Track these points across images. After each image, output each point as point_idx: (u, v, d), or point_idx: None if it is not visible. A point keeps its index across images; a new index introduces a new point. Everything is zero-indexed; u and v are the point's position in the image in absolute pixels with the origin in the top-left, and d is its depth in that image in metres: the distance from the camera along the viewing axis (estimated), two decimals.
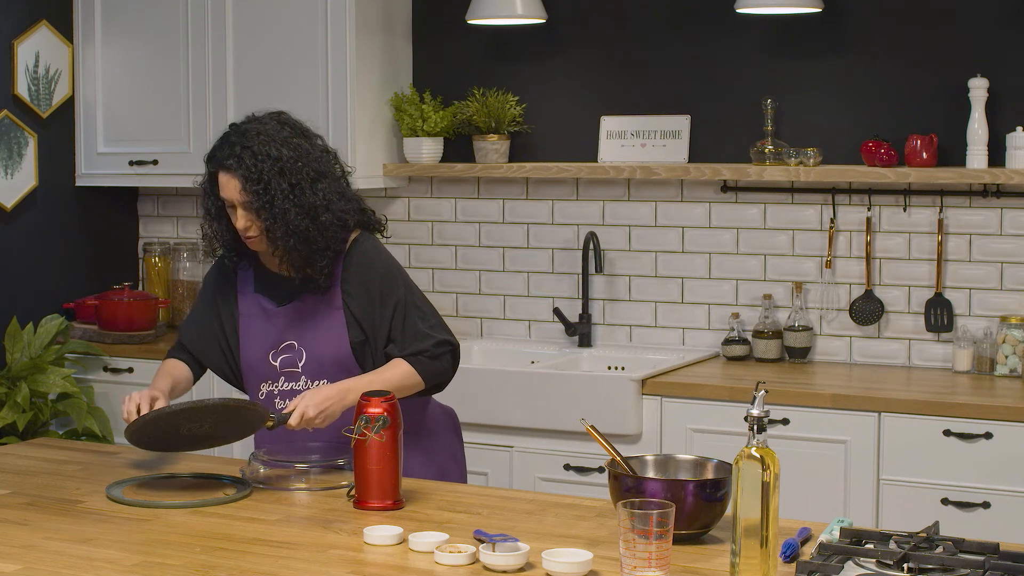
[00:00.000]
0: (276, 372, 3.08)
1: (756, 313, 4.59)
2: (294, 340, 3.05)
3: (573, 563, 2.29)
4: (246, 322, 3.11)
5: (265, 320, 3.08)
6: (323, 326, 3.04)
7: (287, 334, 3.06)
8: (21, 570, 2.35)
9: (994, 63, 4.25)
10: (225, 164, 2.96)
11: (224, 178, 2.96)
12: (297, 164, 2.96)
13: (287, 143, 2.98)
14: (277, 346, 3.07)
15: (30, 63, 5.02)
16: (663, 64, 4.69)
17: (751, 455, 2.21)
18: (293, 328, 3.05)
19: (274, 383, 3.08)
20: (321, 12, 4.73)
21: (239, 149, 2.95)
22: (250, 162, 2.93)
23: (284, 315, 3.05)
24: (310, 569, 2.35)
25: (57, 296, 5.15)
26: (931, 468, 3.86)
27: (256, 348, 3.10)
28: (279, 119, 3.05)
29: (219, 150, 2.99)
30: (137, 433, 2.87)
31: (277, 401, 3.08)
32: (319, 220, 2.96)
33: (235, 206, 2.97)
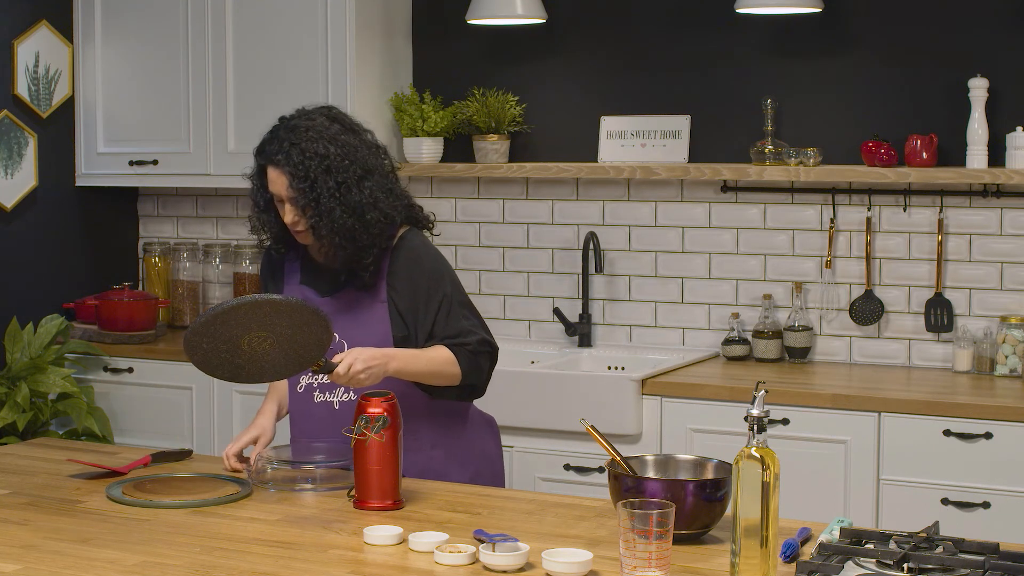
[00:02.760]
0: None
1: (756, 313, 4.59)
2: (336, 331, 3.02)
3: (573, 563, 2.29)
4: None
5: None
6: (366, 319, 3.04)
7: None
8: (21, 570, 2.36)
9: (994, 63, 4.25)
10: (274, 159, 2.97)
11: (273, 173, 2.97)
12: (344, 162, 2.96)
13: (335, 140, 2.98)
14: None
15: (30, 63, 5.02)
16: (663, 64, 4.69)
17: (751, 455, 2.21)
18: (336, 320, 3.02)
19: (314, 376, 3.06)
20: (321, 12, 4.73)
21: (287, 145, 2.95)
22: (297, 159, 2.94)
23: (328, 307, 3.03)
24: (310, 569, 2.35)
25: (57, 296, 5.16)
26: (931, 468, 3.85)
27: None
28: (329, 114, 3.05)
29: (268, 144, 3.00)
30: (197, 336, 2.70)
31: (316, 394, 3.07)
32: (365, 218, 2.96)
33: (283, 200, 2.97)
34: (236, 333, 2.72)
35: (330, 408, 3.06)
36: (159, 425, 4.85)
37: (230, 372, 2.77)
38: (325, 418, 3.06)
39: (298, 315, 2.74)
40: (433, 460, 3.08)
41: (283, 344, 2.76)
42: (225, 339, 2.72)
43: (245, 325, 2.71)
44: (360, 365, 2.85)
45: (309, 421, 3.09)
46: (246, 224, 5.32)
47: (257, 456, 2.97)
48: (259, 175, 3.03)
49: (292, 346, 2.76)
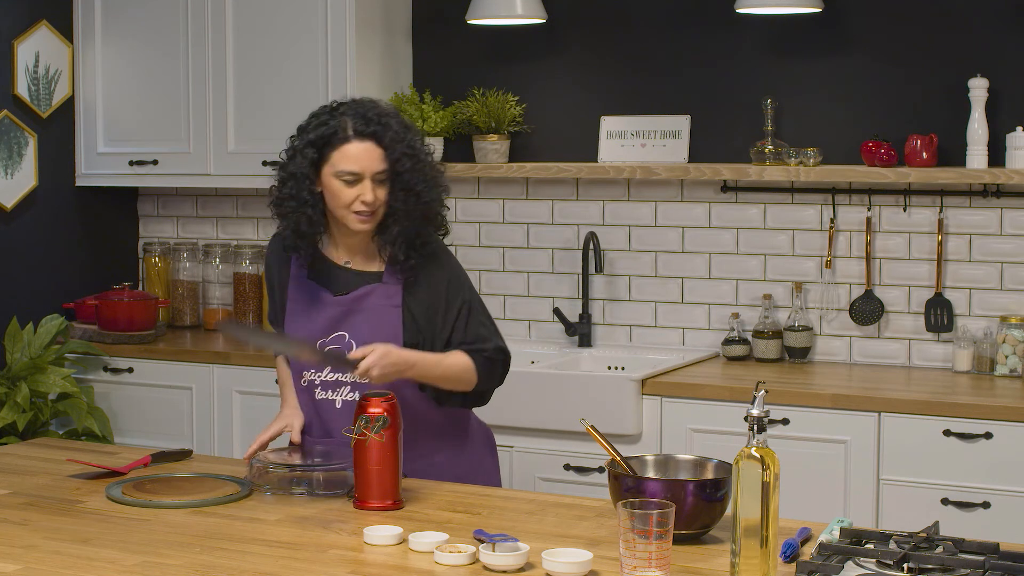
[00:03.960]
0: (321, 361, 3.05)
1: (756, 313, 4.59)
2: (346, 331, 3.02)
3: (573, 563, 2.29)
4: (293, 308, 3.09)
5: (316, 308, 3.05)
6: (379, 321, 3.02)
7: (340, 324, 3.03)
8: (21, 570, 2.35)
9: (994, 63, 4.25)
10: (369, 132, 2.94)
11: (362, 147, 2.94)
12: (420, 143, 3.01)
13: (411, 127, 3.02)
14: (327, 335, 3.03)
15: (30, 63, 5.02)
16: (663, 64, 4.69)
17: (751, 455, 2.21)
18: (347, 319, 3.02)
19: (317, 372, 3.05)
20: (321, 12, 4.73)
21: (382, 120, 2.95)
22: (392, 135, 2.95)
23: (339, 305, 3.03)
24: (310, 569, 2.35)
25: (57, 296, 5.15)
26: (931, 468, 3.85)
27: (296, 333, 3.06)
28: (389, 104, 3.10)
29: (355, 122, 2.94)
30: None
31: (318, 391, 3.05)
32: (425, 201, 2.98)
33: (364, 178, 2.94)
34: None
35: (331, 406, 3.05)
36: (159, 425, 4.85)
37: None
38: (326, 416, 3.06)
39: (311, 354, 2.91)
40: (433, 467, 3.08)
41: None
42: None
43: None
44: (377, 372, 2.85)
45: (313, 417, 3.08)
46: (246, 224, 5.37)
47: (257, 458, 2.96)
48: (315, 164, 2.97)
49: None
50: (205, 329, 5.34)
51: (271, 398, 4.67)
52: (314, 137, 2.96)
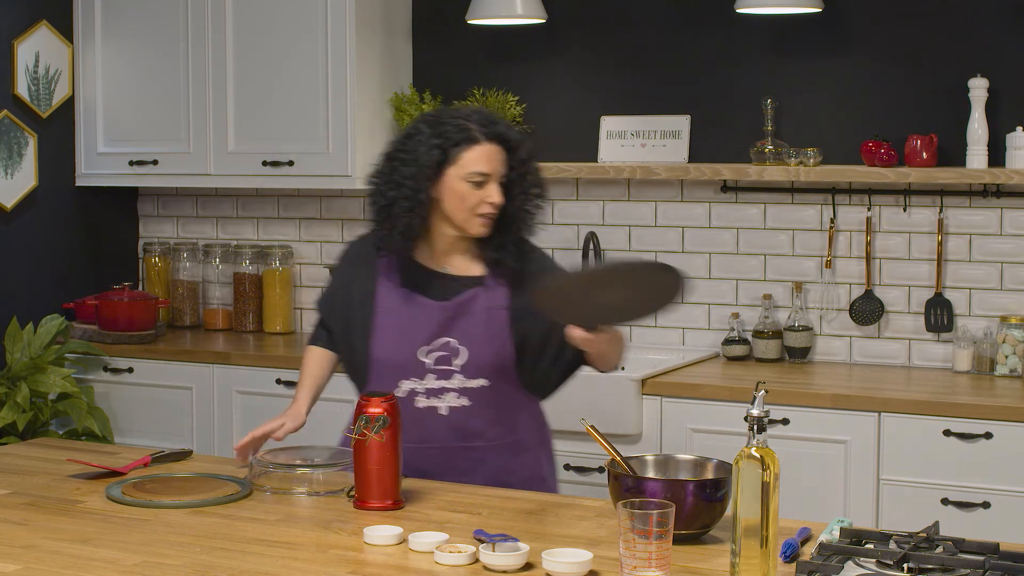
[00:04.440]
0: (424, 369, 2.98)
1: (756, 313, 4.59)
2: (452, 338, 2.98)
3: (573, 563, 2.29)
4: (386, 317, 3.02)
5: (415, 315, 2.99)
6: (487, 324, 2.98)
7: (445, 330, 2.98)
8: (21, 570, 2.35)
9: (994, 63, 4.25)
10: (496, 134, 2.95)
11: (491, 149, 2.95)
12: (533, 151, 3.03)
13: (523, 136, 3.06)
14: (430, 342, 2.98)
15: (30, 63, 5.02)
16: (663, 64, 4.69)
17: (751, 455, 2.21)
18: (452, 324, 2.98)
19: (420, 380, 2.98)
20: (321, 12, 4.73)
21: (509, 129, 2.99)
22: (514, 137, 2.99)
23: (442, 311, 2.98)
24: (310, 569, 2.35)
25: (57, 296, 5.16)
26: (931, 468, 3.85)
27: (396, 343, 3.00)
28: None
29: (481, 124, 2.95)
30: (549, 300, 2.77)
31: (420, 399, 2.98)
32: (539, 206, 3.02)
33: (491, 180, 2.95)
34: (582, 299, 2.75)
35: (434, 413, 2.99)
36: (159, 425, 4.85)
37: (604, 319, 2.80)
38: (429, 424, 2.99)
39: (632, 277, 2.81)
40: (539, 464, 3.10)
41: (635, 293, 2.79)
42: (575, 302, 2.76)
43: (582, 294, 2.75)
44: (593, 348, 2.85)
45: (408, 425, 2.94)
46: (246, 224, 5.36)
47: (256, 459, 2.96)
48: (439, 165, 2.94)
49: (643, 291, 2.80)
50: (205, 329, 5.34)
51: (271, 398, 4.67)
52: (441, 140, 2.94)
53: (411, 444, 2.96)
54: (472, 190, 2.94)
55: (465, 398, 2.99)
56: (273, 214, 5.32)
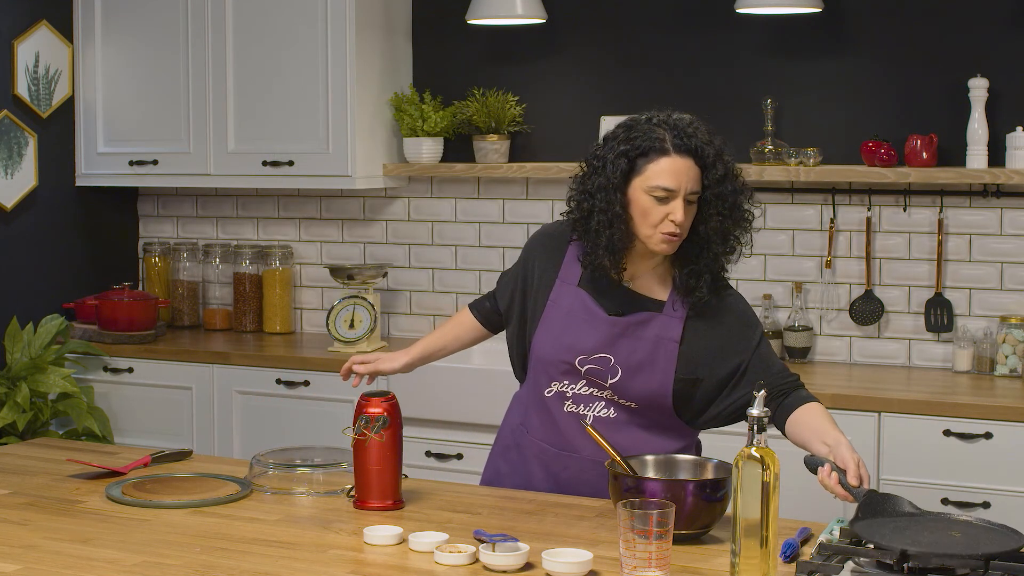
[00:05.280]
0: (578, 376, 2.83)
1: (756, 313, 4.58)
2: (613, 355, 2.80)
3: (573, 563, 2.29)
4: (554, 312, 2.87)
5: (584, 322, 2.83)
6: (651, 352, 2.79)
7: (608, 346, 2.81)
8: (21, 570, 2.36)
9: (994, 63, 4.25)
10: (690, 148, 2.76)
11: (681, 163, 2.75)
12: (735, 170, 2.82)
13: (727, 151, 2.81)
14: (590, 353, 2.81)
15: (30, 63, 5.02)
16: (663, 64, 4.69)
17: (751, 455, 2.21)
18: (617, 342, 2.80)
19: (571, 384, 2.84)
20: (321, 12, 4.73)
21: (700, 136, 2.78)
22: (712, 152, 2.78)
23: (612, 325, 2.81)
24: (310, 569, 2.35)
25: (57, 296, 5.15)
26: (931, 468, 3.86)
27: (556, 343, 2.85)
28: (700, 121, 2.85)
29: (674, 135, 2.78)
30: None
31: (568, 403, 2.84)
32: (728, 232, 2.80)
33: (677, 195, 2.73)
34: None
35: (576, 419, 2.84)
36: (159, 425, 4.85)
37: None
38: (569, 426, 2.85)
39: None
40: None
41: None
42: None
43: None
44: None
45: (551, 428, 2.88)
46: (246, 224, 5.36)
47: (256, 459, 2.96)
48: (626, 175, 2.76)
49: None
50: (205, 329, 5.34)
51: (271, 398, 4.67)
52: (628, 148, 2.77)
53: (553, 448, 2.89)
54: (655, 205, 2.73)
55: (612, 410, 2.83)
56: (273, 214, 5.32)
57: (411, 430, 4.19)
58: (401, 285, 5.10)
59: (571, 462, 2.87)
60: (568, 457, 2.87)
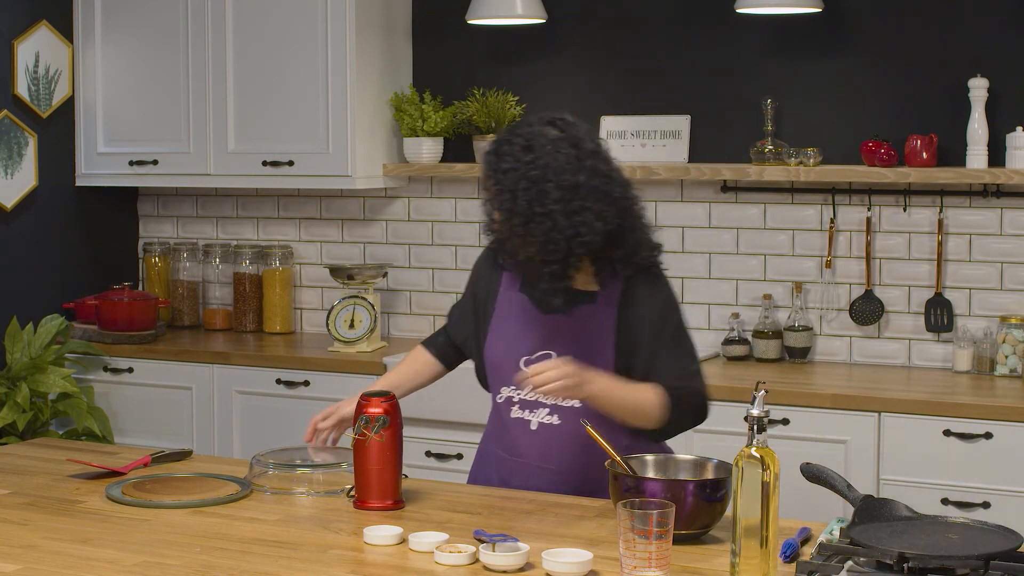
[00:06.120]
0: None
1: (756, 313, 4.59)
2: (553, 350, 2.85)
3: (573, 563, 2.29)
4: (500, 322, 2.95)
5: (524, 323, 2.90)
6: (590, 344, 2.84)
7: (547, 343, 2.87)
8: (21, 570, 2.36)
9: (994, 63, 4.25)
10: (486, 153, 2.86)
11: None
12: (533, 172, 2.75)
13: (541, 148, 2.78)
14: (532, 353, 2.88)
15: (30, 63, 5.02)
16: (663, 64, 4.69)
17: (751, 455, 2.21)
18: (556, 339, 2.86)
19: (518, 389, 2.89)
20: (321, 12, 4.73)
21: (495, 145, 2.83)
22: (494, 159, 2.80)
23: (549, 323, 2.86)
24: (310, 569, 2.36)
25: (57, 296, 5.16)
26: (931, 468, 3.86)
27: (504, 349, 2.93)
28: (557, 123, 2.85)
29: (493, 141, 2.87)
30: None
31: (516, 409, 2.90)
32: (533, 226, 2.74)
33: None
34: None
35: (525, 427, 2.89)
36: (159, 425, 4.85)
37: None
38: (517, 434, 2.91)
39: None
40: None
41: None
42: None
43: None
44: (555, 373, 2.68)
45: (503, 433, 2.95)
46: (246, 224, 5.36)
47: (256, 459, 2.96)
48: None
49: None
50: (205, 329, 5.34)
51: (271, 398, 4.68)
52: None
53: (503, 454, 2.94)
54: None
55: (556, 416, 2.86)
56: (273, 214, 5.32)
57: (411, 430, 4.18)
58: (401, 285, 5.10)
59: (518, 468, 2.92)
60: (515, 462, 2.93)
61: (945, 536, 2.32)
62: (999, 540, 2.28)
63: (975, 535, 2.32)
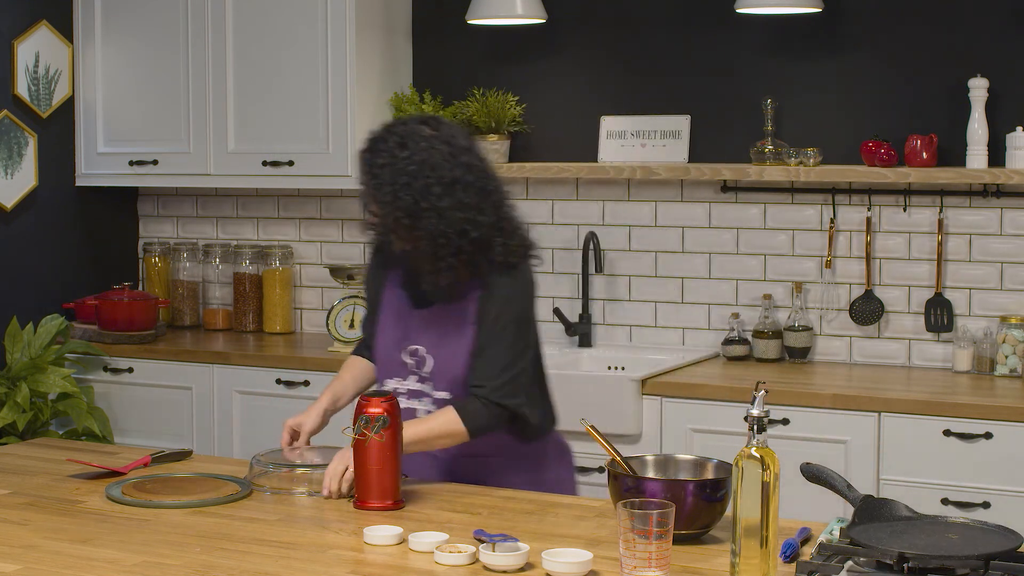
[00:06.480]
0: (406, 370, 3.03)
1: (756, 313, 4.59)
2: (421, 344, 3.00)
3: (573, 563, 2.29)
4: (384, 316, 3.08)
5: (399, 319, 3.04)
6: (453, 338, 2.97)
7: (416, 337, 3.01)
8: (21, 570, 2.36)
9: (994, 63, 4.25)
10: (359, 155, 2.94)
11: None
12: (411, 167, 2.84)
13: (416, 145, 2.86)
14: (404, 346, 3.02)
15: (30, 63, 5.02)
16: (663, 64, 4.69)
17: (751, 455, 2.21)
18: (424, 332, 3.00)
19: (403, 380, 3.03)
20: (321, 12, 4.73)
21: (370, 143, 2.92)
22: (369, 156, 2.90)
23: (419, 318, 3.00)
24: (310, 569, 2.36)
25: (57, 296, 5.16)
26: (931, 468, 3.85)
27: (384, 344, 3.06)
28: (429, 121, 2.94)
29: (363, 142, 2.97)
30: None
31: (404, 400, 2.98)
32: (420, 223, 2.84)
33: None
34: None
35: (412, 415, 2.99)
36: (159, 425, 4.85)
37: None
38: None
39: None
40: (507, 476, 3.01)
41: None
42: None
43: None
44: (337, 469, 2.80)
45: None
46: (246, 224, 5.36)
47: (256, 459, 2.96)
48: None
49: None
50: (205, 329, 5.34)
51: (271, 398, 4.67)
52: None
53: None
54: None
55: (435, 407, 2.99)
56: (273, 214, 5.32)
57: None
58: None
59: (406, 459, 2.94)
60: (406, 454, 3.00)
61: (945, 536, 2.32)
62: (999, 540, 2.28)
63: (975, 535, 2.32)
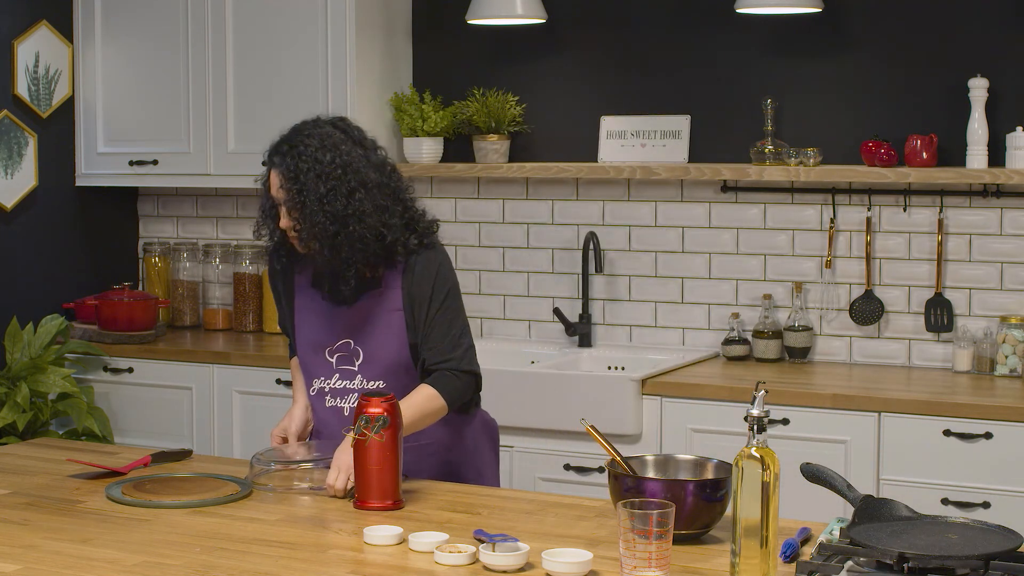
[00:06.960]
0: (331, 369, 3.08)
1: (756, 313, 4.59)
2: (350, 339, 3.05)
3: (573, 563, 2.29)
4: (301, 316, 3.12)
5: (321, 317, 3.08)
6: (382, 327, 3.04)
7: (344, 332, 3.06)
8: (21, 570, 2.36)
9: (994, 63, 4.25)
10: (272, 160, 2.97)
11: (272, 175, 2.97)
12: (337, 171, 2.92)
13: (335, 148, 2.94)
14: (333, 343, 3.07)
15: (30, 63, 5.02)
16: (663, 64, 4.70)
17: (751, 455, 2.21)
18: (351, 327, 3.05)
19: (327, 380, 3.08)
20: (321, 12, 4.73)
21: (287, 148, 2.95)
22: (291, 162, 2.92)
23: (344, 314, 3.05)
24: (310, 569, 2.36)
25: (57, 296, 5.15)
26: (931, 468, 3.86)
27: (308, 344, 3.10)
28: (337, 124, 3.02)
29: (272, 146, 3.00)
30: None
31: (328, 399, 3.08)
32: (347, 229, 2.91)
33: (279, 204, 2.97)
34: None
35: (339, 414, 3.07)
36: (159, 425, 4.85)
37: None
38: (334, 423, 3.07)
39: None
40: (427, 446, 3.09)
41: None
42: None
43: None
44: (342, 475, 2.82)
45: (322, 426, 3.12)
46: (246, 224, 5.36)
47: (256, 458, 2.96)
48: (266, 179, 3.02)
49: None
50: (205, 329, 5.34)
51: (271, 398, 4.67)
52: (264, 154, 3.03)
53: (323, 440, 3.08)
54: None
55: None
56: None
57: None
58: None
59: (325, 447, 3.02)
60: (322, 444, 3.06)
61: (945, 536, 2.32)
62: (999, 540, 2.28)
63: (975, 535, 2.32)
